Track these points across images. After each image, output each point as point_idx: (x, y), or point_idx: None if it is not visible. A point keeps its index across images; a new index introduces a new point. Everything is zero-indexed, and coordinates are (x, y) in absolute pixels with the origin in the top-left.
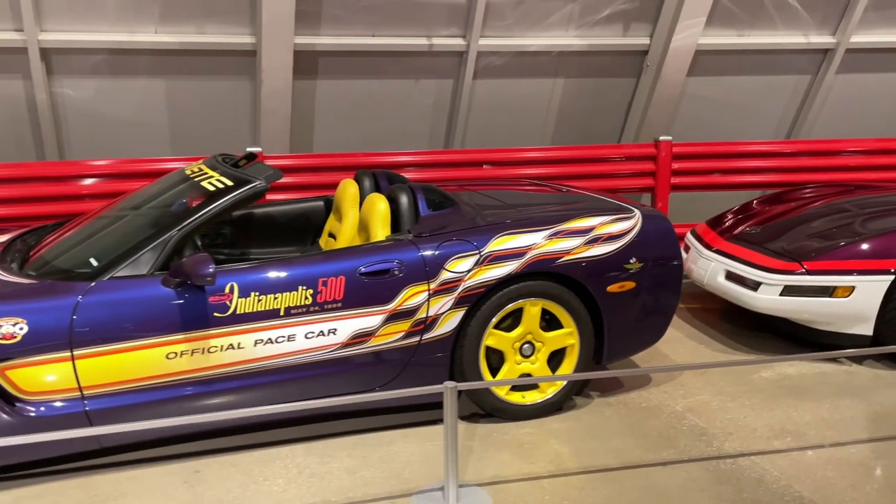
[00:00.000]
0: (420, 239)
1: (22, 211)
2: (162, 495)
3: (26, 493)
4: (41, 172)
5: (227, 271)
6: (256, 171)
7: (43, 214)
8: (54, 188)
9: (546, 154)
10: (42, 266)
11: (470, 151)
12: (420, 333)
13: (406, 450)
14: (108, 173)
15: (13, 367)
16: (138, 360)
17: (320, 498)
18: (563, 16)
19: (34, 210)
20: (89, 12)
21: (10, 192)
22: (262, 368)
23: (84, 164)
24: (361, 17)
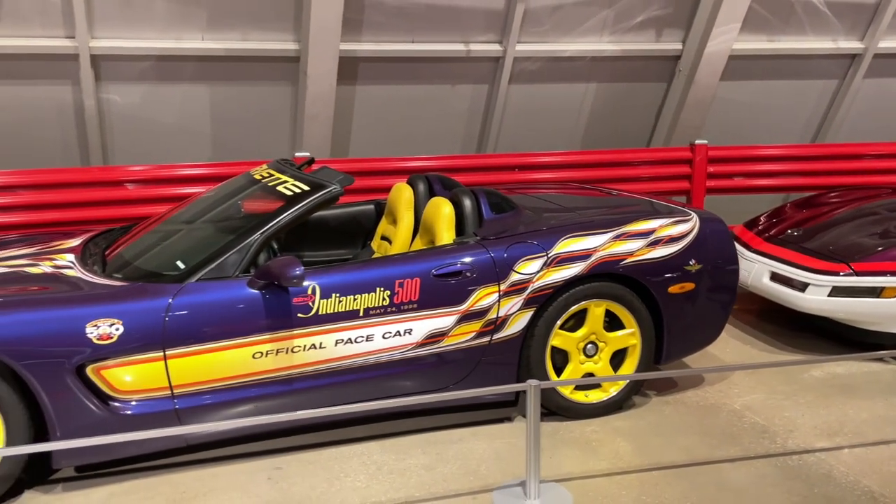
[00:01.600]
0: (488, 241)
1: (67, 216)
2: (247, 492)
3: (118, 489)
4: (86, 178)
5: (309, 273)
6: (327, 175)
7: (87, 219)
8: (98, 193)
9: (581, 158)
10: (122, 268)
11: (504, 155)
12: (490, 333)
13: (478, 447)
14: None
15: (108, 366)
16: (226, 359)
17: (403, 493)
18: (598, 22)
19: (78, 215)
20: (139, 20)
21: (55, 196)
22: (341, 367)
23: (126, 170)
24: (401, 23)
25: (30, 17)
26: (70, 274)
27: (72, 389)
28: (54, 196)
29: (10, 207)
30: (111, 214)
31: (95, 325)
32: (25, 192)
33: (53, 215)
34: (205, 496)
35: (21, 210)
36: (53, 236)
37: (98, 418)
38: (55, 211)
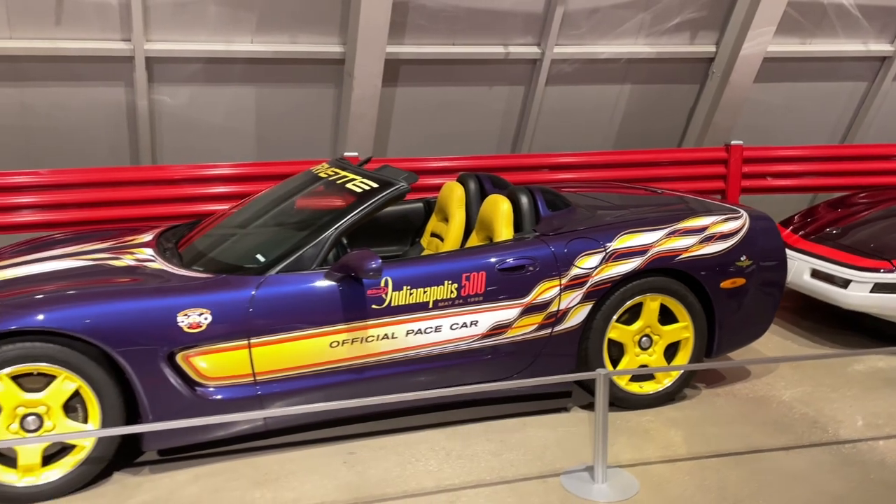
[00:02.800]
0: (548, 237)
1: (117, 214)
2: (325, 474)
3: (203, 471)
4: (138, 177)
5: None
6: (392, 173)
7: (138, 217)
8: (149, 191)
9: (617, 158)
10: (198, 260)
11: (539, 155)
12: (551, 326)
13: (539, 435)
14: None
15: (196, 353)
16: (305, 348)
17: (474, 477)
18: (635, 24)
19: (128, 213)
20: (192, 23)
21: (107, 195)
22: (411, 357)
23: (175, 169)
24: (443, 26)
25: (89, 21)
26: (154, 266)
27: (163, 375)
28: (107, 194)
29: (65, 205)
30: (161, 212)
31: (186, 314)
32: (79, 190)
33: (105, 213)
34: (286, 478)
35: (75, 208)
36: (123, 232)
37: (186, 403)
38: (107, 209)
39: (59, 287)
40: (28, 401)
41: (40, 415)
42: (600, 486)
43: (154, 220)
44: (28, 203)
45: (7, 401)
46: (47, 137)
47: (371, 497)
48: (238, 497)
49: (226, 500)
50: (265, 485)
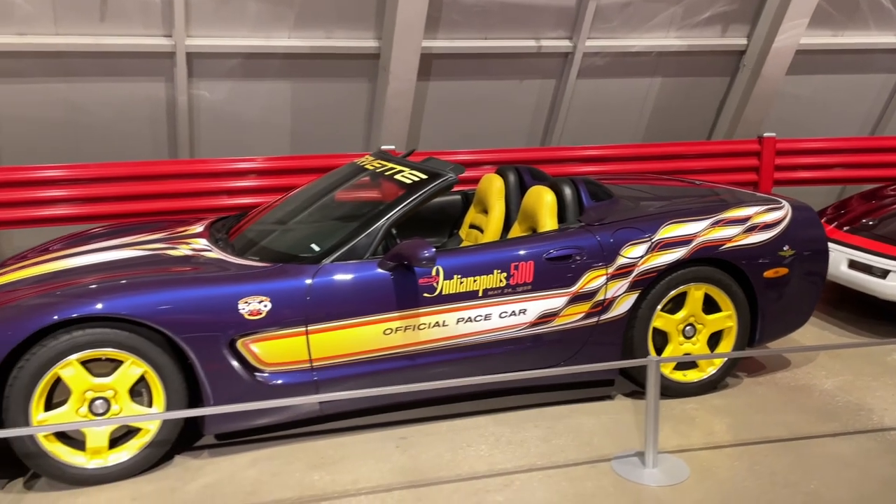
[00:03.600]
0: (594, 227)
1: (156, 206)
2: (379, 458)
3: (260, 455)
4: (177, 170)
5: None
6: (438, 165)
7: (176, 209)
8: (187, 185)
9: (649, 150)
10: (250, 249)
11: (571, 148)
12: (598, 315)
13: (586, 422)
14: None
15: (256, 340)
16: (360, 335)
17: (526, 462)
18: (667, 17)
19: (167, 206)
20: (232, 18)
21: (145, 188)
22: (461, 344)
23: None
24: (476, 21)
25: (132, 17)
26: (211, 256)
27: (224, 361)
28: (140, 188)
29: (97, 199)
30: (194, 205)
31: (247, 301)
32: (111, 184)
33: (144, 206)
34: (341, 461)
35: (108, 201)
36: (172, 224)
37: (246, 388)
38: (140, 202)
39: (125, 275)
40: (97, 385)
41: (108, 399)
42: (651, 470)
43: (187, 212)
44: (61, 197)
45: (77, 385)
46: (89, 132)
47: (425, 480)
48: (297, 480)
49: (285, 483)
50: (322, 468)
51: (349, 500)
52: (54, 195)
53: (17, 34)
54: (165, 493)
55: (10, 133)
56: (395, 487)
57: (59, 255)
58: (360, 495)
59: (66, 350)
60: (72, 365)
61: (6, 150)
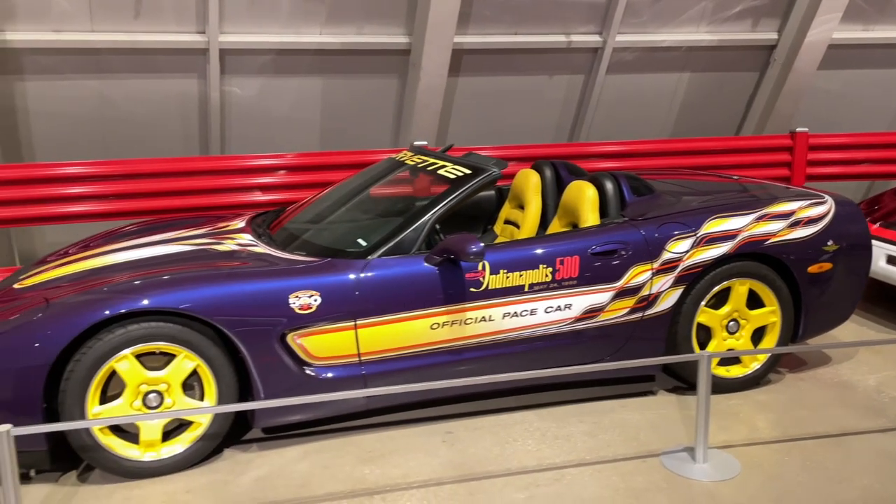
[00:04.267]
0: (638, 222)
1: (186, 203)
2: (427, 452)
3: (309, 448)
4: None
5: None
6: (480, 160)
7: (206, 206)
8: (217, 181)
9: (680, 146)
10: (295, 244)
11: (600, 144)
12: (642, 310)
13: (631, 417)
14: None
15: (306, 334)
16: (408, 329)
17: (574, 457)
18: (697, 12)
19: (197, 202)
20: (265, 15)
21: (176, 184)
22: (506, 339)
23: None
24: (506, 16)
25: (166, 14)
26: (258, 251)
27: (275, 355)
28: (177, 184)
29: (135, 194)
30: (229, 201)
31: (297, 296)
32: (149, 179)
33: (174, 202)
34: (389, 455)
35: (145, 197)
36: (213, 219)
37: (295, 382)
38: (177, 198)
39: (178, 270)
40: (151, 378)
41: (161, 392)
42: (702, 466)
43: (218, 209)
44: (91, 193)
45: (132, 378)
46: (122, 128)
47: (475, 474)
48: (347, 473)
49: (336, 476)
50: (371, 462)
51: (401, 493)
52: (85, 191)
53: (54, 31)
54: (219, 486)
55: (44, 129)
56: (446, 481)
57: (104, 251)
58: (412, 489)
59: (122, 344)
60: (127, 358)
61: (39, 145)
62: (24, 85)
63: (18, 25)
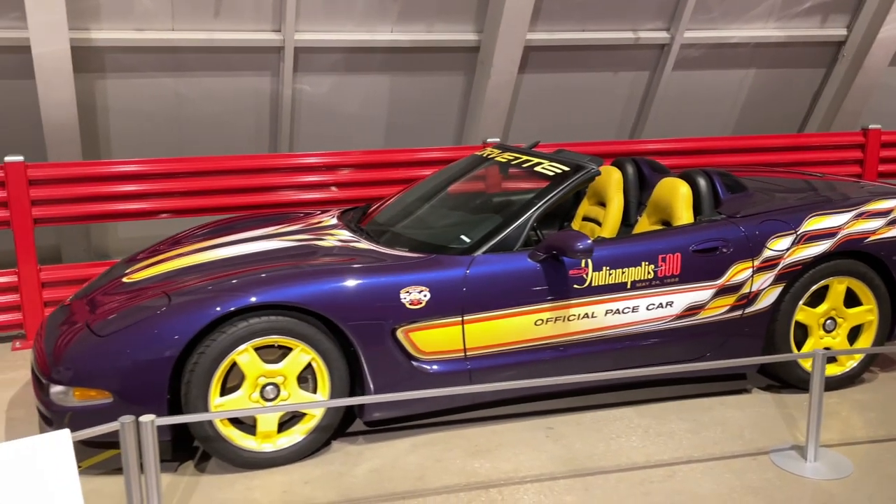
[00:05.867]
0: (737, 219)
1: (254, 200)
2: (533, 447)
3: (418, 441)
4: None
5: None
6: (574, 157)
7: (274, 203)
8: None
9: (750, 143)
10: (391, 239)
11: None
12: (743, 307)
13: (731, 415)
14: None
15: (415, 329)
16: (513, 325)
17: (681, 453)
18: (766, 8)
19: (264, 199)
20: (339, 13)
21: (246, 181)
22: (608, 336)
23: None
24: (575, 12)
25: (244, 13)
26: (362, 247)
27: (385, 349)
28: (248, 181)
29: (207, 191)
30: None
31: (408, 291)
32: (221, 177)
33: (243, 199)
34: (496, 449)
35: (216, 194)
36: (303, 216)
37: (404, 375)
38: (246, 195)
39: (290, 265)
40: (269, 371)
41: (278, 384)
42: (813, 464)
43: (286, 206)
44: (162, 190)
45: (251, 371)
46: (196, 125)
47: (587, 469)
48: (459, 466)
49: (448, 469)
50: (481, 455)
51: (516, 487)
52: (153, 189)
53: (136, 30)
54: (334, 477)
55: (121, 125)
56: (559, 476)
57: (205, 247)
58: (526, 483)
59: (244, 337)
60: (248, 351)
61: (115, 141)
62: (104, 83)
63: (102, 24)
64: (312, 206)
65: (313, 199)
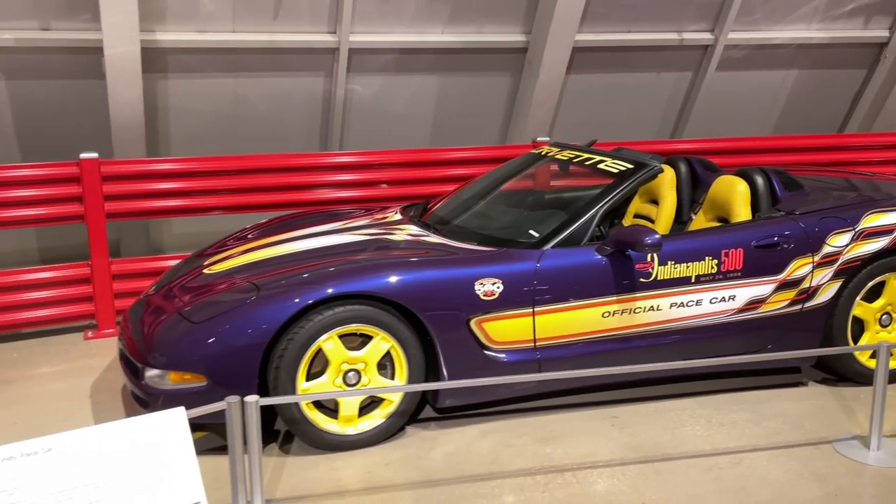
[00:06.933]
0: (796, 216)
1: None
2: (600, 435)
3: (489, 427)
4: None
5: None
6: (635, 155)
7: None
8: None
9: (795, 143)
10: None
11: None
12: (802, 302)
13: (790, 406)
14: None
15: (488, 319)
16: (581, 317)
17: (746, 442)
18: (810, 10)
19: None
20: (392, 15)
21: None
22: (672, 329)
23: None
24: (621, 13)
25: (301, 15)
26: (433, 241)
27: (460, 338)
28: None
29: (258, 188)
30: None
31: (482, 283)
32: (272, 174)
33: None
34: (564, 437)
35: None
36: (368, 211)
37: (476, 364)
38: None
39: (369, 257)
40: (351, 358)
41: (359, 371)
42: (877, 453)
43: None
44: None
45: (335, 357)
46: (250, 124)
47: (656, 456)
48: (532, 452)
49: (521, 454)
50: (551, 442)
51: (589, 472)
52: (206, 186)
53: (199, 31)
54: (413, 460)
55: (181, 124)
56: (630, 462)
57: (279, 241)
58: (598, 468)
59: (330, 324)
60: (332, 339)
61: (175, 139)
62: (166, 83)
63: (168, 26)
64: (359, 204)
65: (359, 197)
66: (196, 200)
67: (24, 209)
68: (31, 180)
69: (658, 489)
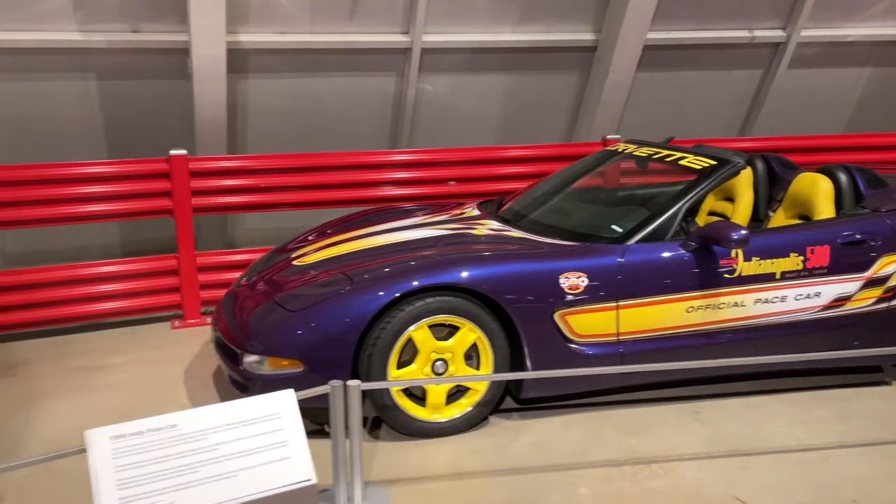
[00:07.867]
0: (883, 213)
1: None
2: (683, 429)
3: (572, 419)
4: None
5: None
6: (717, 151)
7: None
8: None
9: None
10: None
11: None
12: (889, 300)
13: (874, 405)
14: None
15: (572, 312)
16: (665, 312)
17: (833, 440)
18: (886, 6)
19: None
20: (464, 15)
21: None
22: (755, 325)
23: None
24: (692, 11)
25: (376, 15)
26: (515, 235)
27: (544, 330)
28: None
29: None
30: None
31: (566, 276)
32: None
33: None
34: (648, 430)
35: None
36: (444, 207)
37: (560, 357)
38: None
39: (457, 250)
40: (440, 347)
41: (446, 360)
42: None
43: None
44: (288, 183)
45: (424, 346)
46: (324, 123)
47: (741, 450)
48: (616, 443)
49: (606, 445)
50: (635, 434)
51: (676, 463)
52: (279, 182)
53: (278, 33)
54: (499, 448)
55: (258, 122)
56: (715, 455)
57: (364, 234)
58: (685, 460)
59: (420, 314)
60: (422, 328)
61: (252, 137)
62: (246, 83)
63: (249, 27)
64: (422, 201)
65: (423, 193)
66: (271, 196)
67: (114, 203)
68: (121, 175)
69: (747, 482)
